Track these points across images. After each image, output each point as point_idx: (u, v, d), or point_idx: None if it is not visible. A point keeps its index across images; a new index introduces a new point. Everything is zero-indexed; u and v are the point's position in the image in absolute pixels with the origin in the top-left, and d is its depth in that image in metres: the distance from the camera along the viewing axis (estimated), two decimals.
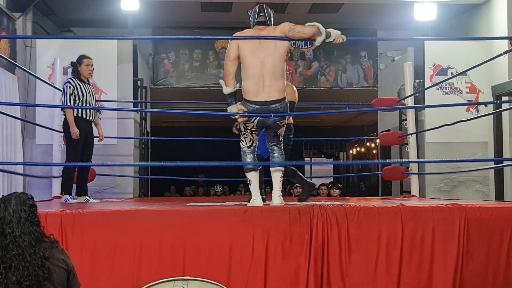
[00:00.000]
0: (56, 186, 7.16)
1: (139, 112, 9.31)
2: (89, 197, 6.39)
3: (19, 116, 7.67)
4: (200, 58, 11.32)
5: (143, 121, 9.61)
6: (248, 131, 4.87)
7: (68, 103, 6.13)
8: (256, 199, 4.81)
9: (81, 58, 6.33)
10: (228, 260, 4.15)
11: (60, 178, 7.07)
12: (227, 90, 5.04)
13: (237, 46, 4.96)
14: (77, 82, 6.23)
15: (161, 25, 11.09)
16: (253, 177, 4.89)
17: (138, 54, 9.37)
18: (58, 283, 2.74)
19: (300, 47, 11.34)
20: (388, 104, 7.84)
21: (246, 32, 5.04)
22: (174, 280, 2.84)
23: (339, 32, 4.99)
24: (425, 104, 8.56)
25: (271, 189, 5.05)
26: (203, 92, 11.36)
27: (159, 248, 4.13)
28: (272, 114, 4.73)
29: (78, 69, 6.29)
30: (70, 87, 6.16)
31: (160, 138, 9.90)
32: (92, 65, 6.37)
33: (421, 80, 8.76)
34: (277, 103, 4.75)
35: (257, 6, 5.14)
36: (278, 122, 4.82)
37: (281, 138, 4.96)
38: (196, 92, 11.35)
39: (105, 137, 7.23)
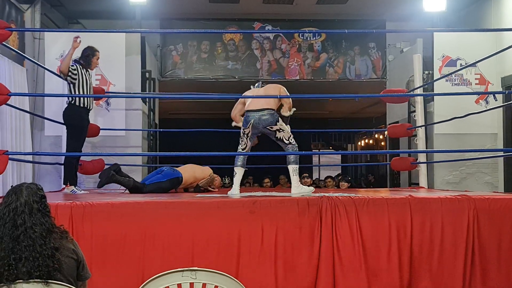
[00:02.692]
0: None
1: (147, 104, 9.32)
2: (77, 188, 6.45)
3: (27, 107, 7.71)
4: (208, 49, 11.30)
5: (152, 113, 9.62)
6: (244, 135, 5.77)
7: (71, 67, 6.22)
8: (235, 190, 5.67)
9: (95, 50, 6.52)
10: (237, 251, 4.17)
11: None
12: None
13: None
14: (81, 68, 6.36)
15: (169, 16, 11.07)
16: (238, 171, 5.77)
17: (146, 46, 9.37)
18: (68, 273, 2.75)
19: (308, 39, 11.31)
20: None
21: None
22: (182, 270, 2.84)
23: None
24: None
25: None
26: (211, 84, 11.35)
27: (167, 239, 4.15)
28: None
29: (91, 60, 6.46)
30: (76, 66, 6.29)
31: (168, 130, 9.90)
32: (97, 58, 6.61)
33: (430, 72, 8.71)
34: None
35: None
36: (268, 127, 5.61)
37: (286, 141, 5.65)
38: (204, 84, 11.35)
39: (114, 129, 7.29)
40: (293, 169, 5.56)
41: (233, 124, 6.23)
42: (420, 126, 7.46)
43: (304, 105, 12.89)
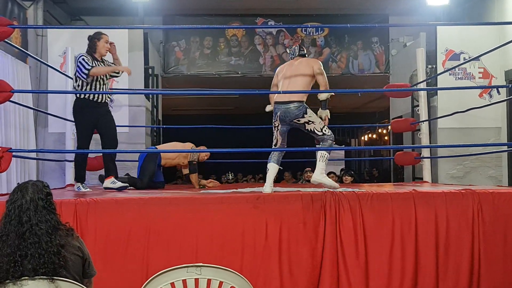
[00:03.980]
0: (70, 174, 7.21)
1: (150, 100, 9.32)
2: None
3: (31, 104, 7.72)
4: (211, 45, 11.30)
5: (155, 109, 9.62)
6: (275, 129, 5.44)
7: (89, 65, 5.63)
8: (267, 187, 5.05)
9: (99, 33, 5.88)
10: (241, 246, 4.17)
11: (73, 167, 7.13)
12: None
13: None
14: (90, 58, 5.74)
15: (171, 12, 11.07)
16: (271, 167, 5.28)
17: (149, 42, 9.37)
18: (74, 270, 2.76)
19: (311, 34, 11.29)
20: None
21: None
22: (187, 266, 2.85)
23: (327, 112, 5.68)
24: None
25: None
26: (214, 80, 11.35)
27: (172, 235, 4.16)
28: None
29: (96, 44, 5.81)
30: (84, 57, 5.67)
31: (172, 126, 9.90)
32: (108, 42, 5.91)
33: (434, 66, 8.69)
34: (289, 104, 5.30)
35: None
36: (294, 121, 5.30)
37: (319, 133, 5.37)
38: (207, 79, 11.35)
39: (117, 126, 7.22)
40: (321, 154, 5.28)
41: (267, 108, 5.83)
42: (424, 121, 7.45)
43: None
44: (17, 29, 7.67)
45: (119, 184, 5.83)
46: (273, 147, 5.47)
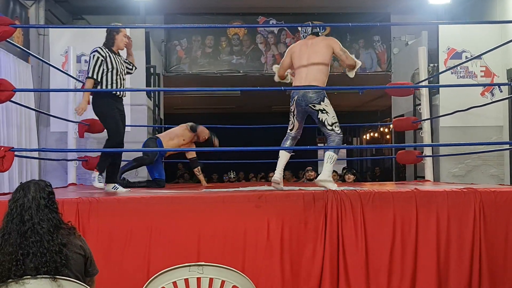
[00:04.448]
0: (72, 173, 7.22)
1: (152, 99, 9.33)
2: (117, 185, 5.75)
3: (33, 104, 7.73)
4: (212, 44, 11.31)
5: (157, 108, 9.62)
6: (291, 114, 5.36)
7: (94, 73, 5.44)
8: (277, 174, 5.23)
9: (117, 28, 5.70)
10: (242, 245, 4.17)
11: (75, 166, 7.16)
12: None
13: None
14: (107, 52, 5.54)
15: (173, 11, 11.08)
16: (282, 155, 5.36)
17: (150, 41, 9.37)
18: (76, 269, 2.76)
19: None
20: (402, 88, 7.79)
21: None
22: (189, 265, 2.85)
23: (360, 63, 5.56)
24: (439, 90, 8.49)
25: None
26: (215, 79, 11.36)
27: (173, 234, 4.16)
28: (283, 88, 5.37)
29: (115, 38, 5.63)
30: (97, 56, 5.46)
31: (173, 126, 9.90)
32: (127, 37, 5.76)
33: (436, 64, 8.68)
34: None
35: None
36: (310, 105, 5.17)
37: (328, 127, 5.17)
38: (208, 78, 11.36)
39: None
40: (329, 156, 5.08)
41: (276, 78, 5.76)
42: (426, 119, 7.44)
43: None
44: (19, 28, 7.68)
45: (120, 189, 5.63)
46: (288, 131, 5.41)
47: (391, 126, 9.60)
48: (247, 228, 4.20)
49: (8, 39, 5.23)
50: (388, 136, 16.75)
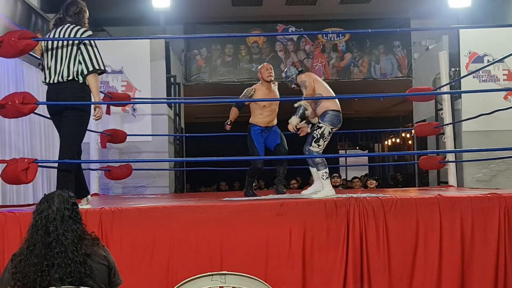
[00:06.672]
0: (95, 183, 7.28)
1: (172, 109, 9.38)
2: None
3: None
4: (232, 53, 11.36)
5: (177, 118, 9.68)
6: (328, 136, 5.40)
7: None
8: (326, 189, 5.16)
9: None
10: (265, 254, 4.16)
11: (97, 176, 7.19)
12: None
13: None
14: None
15: (192, 21, 11.16)
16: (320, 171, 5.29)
17: (170, 51, 9.44)
18: (100, 279, 2.78)
19: (332, 39, 11.27)
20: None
21: None
22: (212, 275, 2.86)
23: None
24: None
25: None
26: (235, 87, 11.38)
27: (196, 243, 4.17)
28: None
29: (84, 16, 5.06)
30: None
31: (194, 135, 9.95)
32: None
33: (457, 69, 8.61)
34: None
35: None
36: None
37: (309, 140, 5.34)
38: (228, 87, 11.39)
39: (140, 135, 7.15)
40: (321, 175, 5.21)
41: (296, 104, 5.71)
42: (448, 124, 7.37)
43: None
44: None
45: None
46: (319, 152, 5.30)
47: (413, 131, 9.53)
48: (269, 236, 4.20)
49: (30, 52, 5.29)
50: (410, 142, 16.61)
